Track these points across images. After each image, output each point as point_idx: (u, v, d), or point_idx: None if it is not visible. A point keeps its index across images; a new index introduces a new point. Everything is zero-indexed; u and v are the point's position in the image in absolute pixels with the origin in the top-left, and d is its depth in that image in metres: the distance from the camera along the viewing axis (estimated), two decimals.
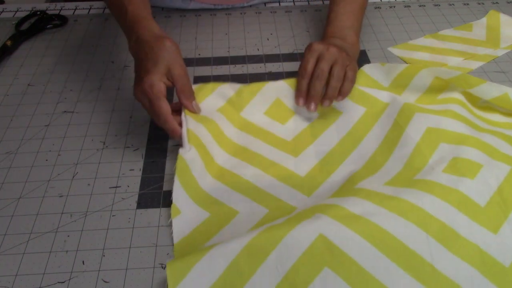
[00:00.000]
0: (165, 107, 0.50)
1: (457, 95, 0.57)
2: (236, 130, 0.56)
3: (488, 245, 0.41)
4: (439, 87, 0.58)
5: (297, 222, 0.42)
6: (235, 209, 0.47)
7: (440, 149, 0.49)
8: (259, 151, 0.54)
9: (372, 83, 0.60)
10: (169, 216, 0.47)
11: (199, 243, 0.45)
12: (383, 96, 0.57)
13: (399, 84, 0.59)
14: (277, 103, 0.59)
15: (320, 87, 0.55)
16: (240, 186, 0.50)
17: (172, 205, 0.47)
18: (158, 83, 0.50)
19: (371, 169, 0.50)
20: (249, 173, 0.51)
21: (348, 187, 0.48)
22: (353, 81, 0.56)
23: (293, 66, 0.67)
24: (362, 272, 0.39)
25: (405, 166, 0.49)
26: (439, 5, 0.82)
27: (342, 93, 0.55)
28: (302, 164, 0.52)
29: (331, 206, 0.43)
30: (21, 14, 0.81)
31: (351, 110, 0.57)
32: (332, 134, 0.55)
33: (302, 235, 0.41)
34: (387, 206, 0.43)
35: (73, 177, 0.52)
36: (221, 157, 0.53)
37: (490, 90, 0.55)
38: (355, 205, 0.43)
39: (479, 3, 0.82)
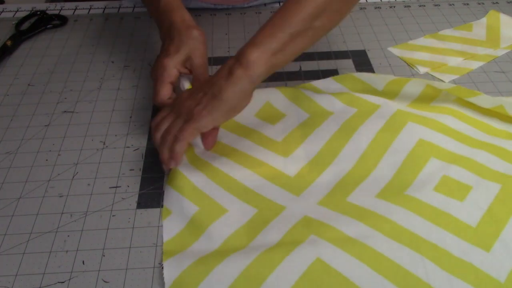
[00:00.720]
0: (164, 93, 0.53)
1: (450, 105, 0.57)
2: (224, 132, 0.56)
3: (482, 263, 0.41)
4: (431, 94, 0.58)
5: (293, 245, 0.42)
6: (224, 207, 0.47)
7: (431, 164, 0.50)
8: (248, 151, 0.54)
9: (367, 87, 0.60)
10: None
11: (188, 243, 0.45)
12: (375, 99, 0.57)
13: (391, 90, 0.59)
14: (268, 105, 0.59)
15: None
16: (229, 185, 0.50)
17: (163, 208, 0.47)
18: (171, 69, 0.53)
19: (361, 172, 0.50)
20: (238, 173, 0.51)
21: (339, 196, 0.48)
22: (181, 140, 0.47)
23: (292, 66, 0.67)
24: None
25: (396, 174, 0.49)
26: (439, 5, 0.82)
27: (171, 156, 0.48)
28: (292, 164, 0.52)
29: (326, 227, 0.44)
30: (21, 14, 0.81)
31: (342, 111, 0.57)
32: (322, 133, 0.55)
33: (299, 259, 0.41)
34: (381, 230, 0.44)
35: (73, 177, 0.52)
36: (210, 155, 0.53)
37: (484, 102, 0.55)
38: (350, 227, 0.44)
39: (479, 3, 0.82)
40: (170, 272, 0.42)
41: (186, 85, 0.56)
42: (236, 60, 0.47)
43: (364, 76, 0.61)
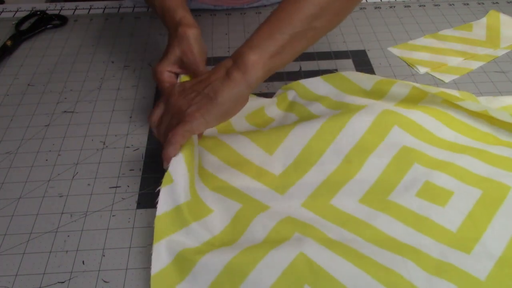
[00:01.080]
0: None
1: (437, 106, 0.56)
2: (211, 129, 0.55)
3: (462, 263, 0.42)
4: (418, 96, 0.57)
5: (277, 241, 0.43)
6: (210, 208, 0.47)
7: (414, 169, 0.50)
8: (234, 146, 0.53)
9: (355, 87, 0.59)
10: None
11: (179, 224, 0.44)
12: (362, 101, 0.56)
13: (379, 90, 0.58)
14: (260, 111, 0.58)
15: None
16: (214, 185, 0.49)
17: (166, 173, 0.45)
18: (160, 72, 0.53)
19: (345, 173, 0.50)
20: (223, 172, 0.51)
21: (323, 198, 0.48)
22: (173, 143, 0.44)
23: (292, 66, 0.67)
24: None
25: (379, 178, 0.49)
26: (439, 5, 0.82)
27: (163, 157, 0.45)
28: (277, 163, 0.52)
29: (310, 227, 0.45)
30: (21, 14, 0.81)
31: (329, 113, 0.56)
32: (307, 128, 0.53)
33: (282, 254, 0.41)
34: (363, 236, 0.44)
35: (73, 177, 0.52)
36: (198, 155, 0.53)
37: (469, 106, 0.54)
38: (333, 232, 0.44)
39: (479, 3, 0.82)
40: (156, 264, 0.42)
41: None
42: (233, 63, 0.46)
43: (352, 75, 0.60)
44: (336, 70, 0.67)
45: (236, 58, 0.46)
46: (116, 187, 0.51)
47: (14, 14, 0.82)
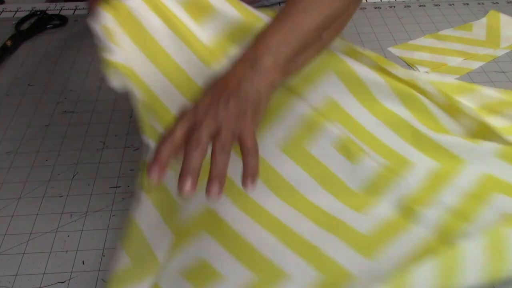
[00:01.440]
0: None
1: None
2: (164, 28, 0.51)
3: (352, 221, 0.44)
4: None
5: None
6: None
7: (334, 125, 0.50)
8: (168, 48, 0.50)
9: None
10: None
11: None
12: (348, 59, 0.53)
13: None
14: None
15: (197, 159, 0.35)
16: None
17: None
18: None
19: (270, 115, 0.49)
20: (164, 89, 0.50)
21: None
22: (255, 151, 0.37)
23: None
24: (237, 237, 0.42)
25: (301, 128, 0.49)
26: (439, 5, 0.82)
27: (248, 173, 0.37)
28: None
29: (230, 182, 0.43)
30: (21, 14, 0.81)
31: None
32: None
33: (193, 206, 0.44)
34: (271, 187, 0.46)
35: (73, 177, 0.52)
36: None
37: (399, 73, 0.53)
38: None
39: (479, 3, 0.82)
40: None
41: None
42: (250, 64, 0.41)
43: None
44: None
45: (252, 61, 0.41)
46: (116, 187, 0.51)
47: (14, 14, 0.82)
